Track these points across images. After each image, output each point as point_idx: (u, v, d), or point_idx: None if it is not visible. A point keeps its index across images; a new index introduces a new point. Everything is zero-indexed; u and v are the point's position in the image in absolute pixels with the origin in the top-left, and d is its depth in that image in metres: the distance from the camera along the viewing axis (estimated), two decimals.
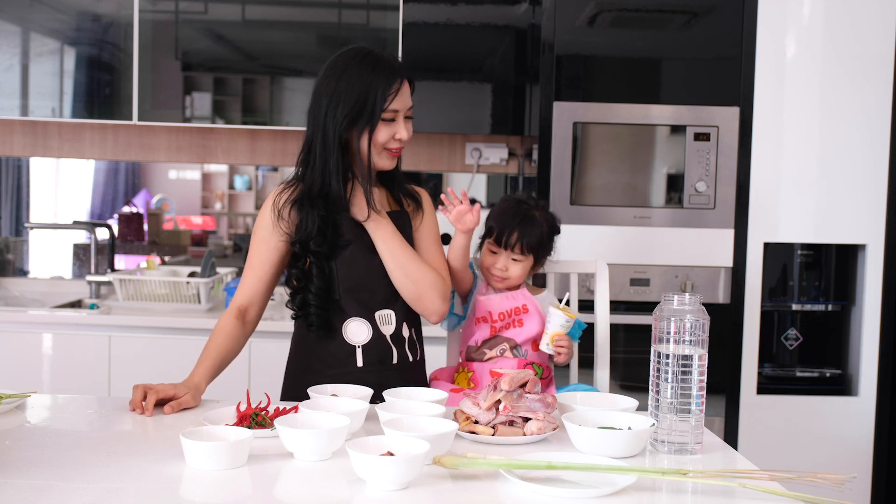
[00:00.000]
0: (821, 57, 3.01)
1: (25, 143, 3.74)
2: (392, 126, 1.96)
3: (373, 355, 1.99)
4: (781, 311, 3.14)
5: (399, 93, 1.95)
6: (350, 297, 1.99)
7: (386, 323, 2.01)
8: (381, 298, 2.01)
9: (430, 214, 2.13)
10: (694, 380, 1.60)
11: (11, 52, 3.37)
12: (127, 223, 3.87)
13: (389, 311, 2.01)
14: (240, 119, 3.53)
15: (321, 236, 1.96)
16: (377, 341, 2.00)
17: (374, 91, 1.92)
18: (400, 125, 1.97)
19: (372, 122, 1.93)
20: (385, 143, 1.97)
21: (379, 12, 3.32)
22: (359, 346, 1.99)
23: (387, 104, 1.93)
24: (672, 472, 1.42)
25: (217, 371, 1.94)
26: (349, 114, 1.92)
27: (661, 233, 3.02)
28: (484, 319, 2.13)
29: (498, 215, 2.14)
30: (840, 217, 3.03)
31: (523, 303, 2.12)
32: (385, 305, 2.01)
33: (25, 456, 1.47)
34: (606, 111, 3.01)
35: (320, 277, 1.97)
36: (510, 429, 1.62)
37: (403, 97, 1.96)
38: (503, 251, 2.11)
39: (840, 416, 3.06)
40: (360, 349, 1.99)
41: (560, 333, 2.05)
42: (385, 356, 2.00)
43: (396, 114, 1.96)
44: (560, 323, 2.05)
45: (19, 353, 3.14)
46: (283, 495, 1.36)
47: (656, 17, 3.06)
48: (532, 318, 2.12)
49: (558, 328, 2.05)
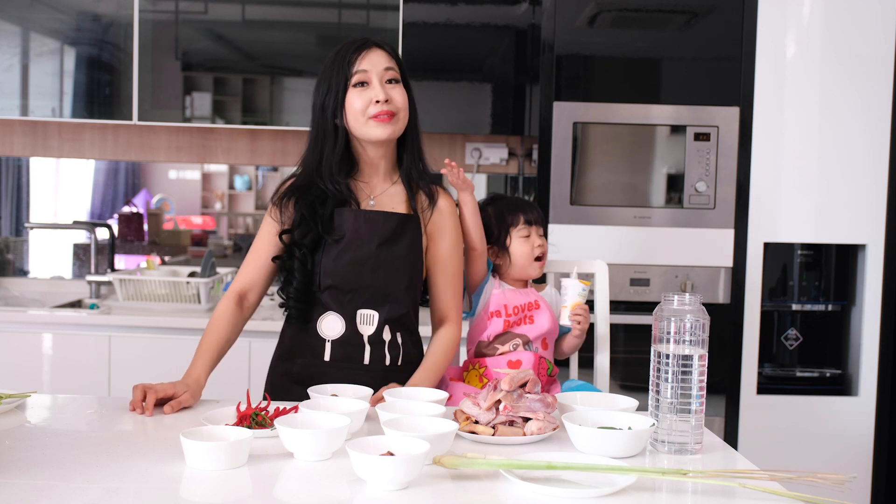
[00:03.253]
0: (821, 57, 3.01)
1: (25, 143, 3.74)
2: (367, 90, 1.92)
3: (341, 352, 1.96)
4: (781, 311, 3.14)
5: (365, 56, 1.92)
6: (332, 293, 1.96)
7: (366, 323, 1.97)
8: (365, 298, 1.97)
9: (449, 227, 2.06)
10: (694, 380, 1.60)
11: (11, 52, 3.37)
12: (127, 223, 3.87)
13: (373, 311, 1.97)
14: (240, 119, 3.53)
15: (305, 227, 1.95)
16: (350, 339, 1.97)
17: (338, 67, 1.93)
18: (374, 87, 1.91)
19: (339, 96, 1.92)
20: (364, 110, 1.92)
21: (379, 12, 3.32)
22: (329, 340, 1.97)
23: (353, 68, 1.91)
24: (672, 472, 1.42)
25: (216, 362, 1.94)
26: (326, 92, 1.93)
27: (661, 233, 3.02)
28: (497, 314, 2.13)
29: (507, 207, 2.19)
30: (840, 217, 3.03)
31: (535, 298, 2.15)
32: (369, 305, 1.97)
33: (25, 456, 1.47)
34: (606, 111, 3.01)
35: (301, 271, 1.95)
36: (510, 429, 1.62)
37: (372, 59, 1.92)
38: (532, 228, 2.16)
39: (840, 416, 3.06)
40: (329, 343, 1.97)
41: (579, 302, 2.09)
42: (356, 355, 1.97)
43: (367, 74, 1.92)
44: (577, 291, 2.09)
45: (19, 353, 3.14)
46: (283, 495, 1.36)
47: (656, 17, 3.06)
48: (543, 314, 2.13)
49: (577, 297, 2.09)
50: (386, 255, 1.97)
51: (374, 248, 1.96)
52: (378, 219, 1.97)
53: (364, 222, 1.97)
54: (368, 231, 1.96)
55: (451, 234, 2.06)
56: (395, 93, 1.94)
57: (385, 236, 1.97)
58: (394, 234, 1.98)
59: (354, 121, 1.93)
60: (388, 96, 1.92)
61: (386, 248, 1.97)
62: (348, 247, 1.96)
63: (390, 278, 1.97)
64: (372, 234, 1.96)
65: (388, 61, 1.94)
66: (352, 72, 1.91)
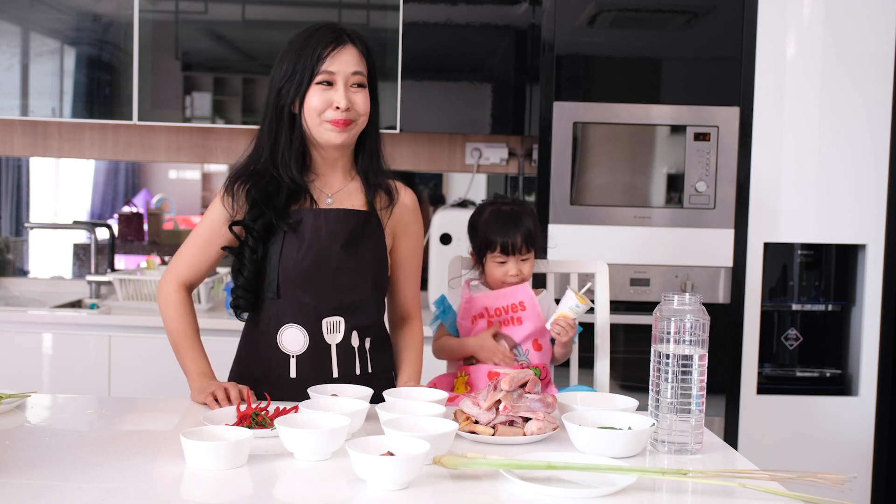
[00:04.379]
0: (821, 57, 3.01)
1: (25, 143, 3.74)
2: (328, 91, 1.81)
3: (307, 367, 1.86)
4: (781, 311, 3.14)
5: (335, 55, 1.81)
6: (293, 301, 1.85)
7: (333, 331, 1.87)
8: (331, 304, 1.86)
9: (413, 224, 1.98)
10: (694, 380, 1.60)
11: (11, 52, 3.37)
12: (127, 223, 3.87)
13: (339, 318, 1.87)
14: (240, 119, 3.52)
15: (257, 210, 1.82)
16: (315, 351, 1.86)
17: (307, 56, 1.81)
18: (338, 92, 1.80)
19: (301, 88, 1.80)
20: (321, 112, 1.81)
21: (379, 12, 3.32)
22: (293, 355, 1.87)
23: (321, 65, 1.80)
24: (672, 472, 1.42)
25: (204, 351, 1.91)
26: (288, 76, 1.82)
27: (661, 233, 3.02)
28: (480, 315, 2.13)
29: (491, 226, 2.12)
30: (840, 217, 3.03)
31: (521, 299, 2.11)
32: (334, 312, 1.87)
33: (25, 456, 1.47)
34: (606, 111, 3.01)
35: (251, 259, 1.83)
36: (510, 429, 1.62)
37: (343, 60, 1.81)
38: (511, 257, 2.11)
39: (840, 416, 3.06)
40: (293, 359, 1.86)
41: (566, 315, 2.05)
42: (323, 368, 1.86)
43: (333, 76, 1.81)
44: (570, 305, 2.05)
45: (19, 353, 3.14)
46: (283, 495, 1.36)
47: (656, 17, 3.06)
48: (531, 315, 2.11)
49: (566, 310, 2.05)
50: (350, 255, 1.87)
51: (337, 249, 1.86)
52: (338, 217, 1.87)
53: (325, 221, 1.86)
54: (329, 231, 1.86)
55: (415, 229, 1.99)
56: (358, 97, 1.83)
57: (347, 236, 1.87)
58: (356, 234, 1.88)
59: (310, 118, 1.83)
60: (350, 103, 1.81)
61: (349, 248, 1.87)
62: (309, 248, 1.84)
63: (356, 280, 1.88)
64: (334, 234, 1.86)
65: (358, 63, 1.84)
66: (319, 69, 1.80)
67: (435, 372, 2.29)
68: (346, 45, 1.83)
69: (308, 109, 1.82)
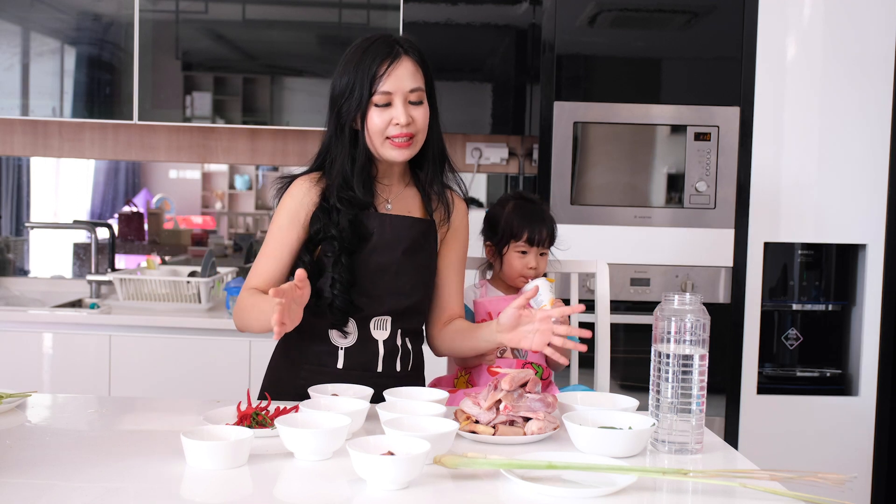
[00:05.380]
0: (821, 57, 3.01)
1: (26, 143, 3.74)
2: (388, 111, 1.82)
3: (355, 359, 1.91)
4: (782, 311, 3.14)
5: (390, 73, 1.80)
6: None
7: (380, 328, 1.91)
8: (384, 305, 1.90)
9: (463, 230, 2.02)
10: (694, 380, 1.60)
11: (12, 51, 3.37)
12: (127, 223, 3.87)
13: (387, 317, 1.91)
14: (240, 119, 3.53)
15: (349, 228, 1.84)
16: (364, 346, 1.91)
17: (363, 73, 1.81)
18: (398, 109, 1.81)
19: (360, 107, 1.81)
20: (384, 130, 1.83)
21: (379, 12, 3.32)
22: (342, 348, 1.91)
23: (378, 85, 1.80)
24: (672, 472, 1.42)
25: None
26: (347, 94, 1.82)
27: (662, 233, 3.02)
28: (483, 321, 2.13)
29: (519, 217, 2.14)
30: (840, 217, 3.03)
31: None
32: (385, 312, 1.91)
33: (25, 456, 1.47)
34: (607, 111, 3.01)
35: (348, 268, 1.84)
36: (510, 428, 1.62)
37: (398, 78, 1.81)
38: (533, 249, 2.13)
39: (840, 416, 3.06)
40: (342, 351, 1.91)
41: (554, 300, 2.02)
42: (370, 363, 1.91)
43: (390, 97, 1.81)
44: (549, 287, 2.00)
45: (19, 353, 3.14)
46: (283, 495, 1.36)
47: (656, 17, 3.06)
48: None
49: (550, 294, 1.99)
50: (409, 261, 1.91)
51: (398, 255, 1.90)
52: (403, 224, 1.92)
53: (390, 227, 1.90)
54: (393, 236, 1.90)
55: (464, 235, 2.04)
56: (418, 113, 1.84)
57: (409, 242, 1.91)
58: (417, 242, 1.93)
59: (374, 137, 1.84)
60: (410, 119, 1.83)
61: (409, 255, 1.91)
62: (373, 252, 1.88)
63: (411, 286, 1.93)
64: (397, 240, 1.90)
65: (414, 76, 1.83)
66: (376, 89, 1.80)
67: (435, 372, 2.29)
68: (400, 59, 1.83)
69: (371, 130, 1.84)
